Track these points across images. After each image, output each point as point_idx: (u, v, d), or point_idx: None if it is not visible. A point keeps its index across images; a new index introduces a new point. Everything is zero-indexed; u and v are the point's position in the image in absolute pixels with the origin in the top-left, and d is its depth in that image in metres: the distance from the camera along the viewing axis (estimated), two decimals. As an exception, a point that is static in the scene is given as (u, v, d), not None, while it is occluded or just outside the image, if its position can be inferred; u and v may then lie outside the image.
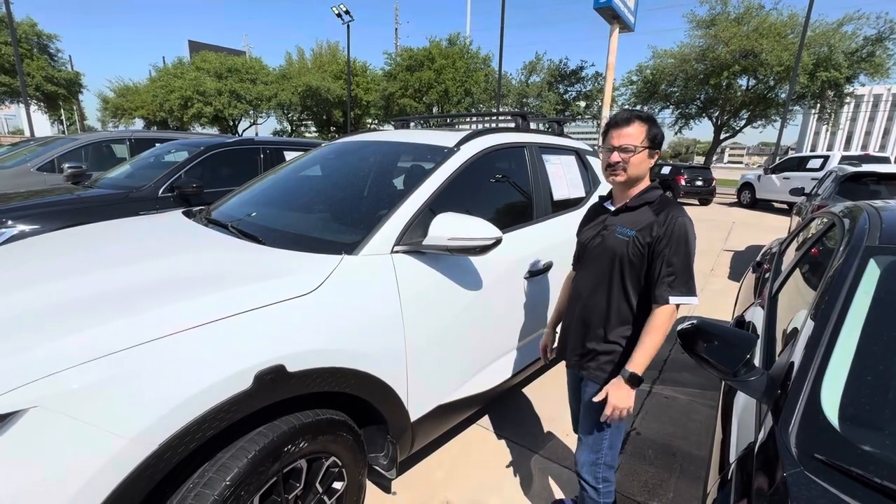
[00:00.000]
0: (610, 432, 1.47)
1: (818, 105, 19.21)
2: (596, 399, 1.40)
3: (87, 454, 0.91)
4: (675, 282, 1.30)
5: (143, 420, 0.96)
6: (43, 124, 31.67)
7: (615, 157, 1.37)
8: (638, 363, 1.33)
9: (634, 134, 1.35)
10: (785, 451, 0.90)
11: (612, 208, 1.49)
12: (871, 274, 1.22)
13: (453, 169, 1.89)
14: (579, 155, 2.92)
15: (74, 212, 3.51)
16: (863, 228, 1.41)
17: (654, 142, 1.37)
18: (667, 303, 1.31)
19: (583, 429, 1.53)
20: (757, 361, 1.43)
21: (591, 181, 2.89)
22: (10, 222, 3.21)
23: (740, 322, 1.82)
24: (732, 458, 1.08)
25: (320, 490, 1.41)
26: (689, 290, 1.31)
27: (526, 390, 2.78)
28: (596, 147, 3.24)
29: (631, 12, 16.77)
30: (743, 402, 1.26)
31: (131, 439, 0.93)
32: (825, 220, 1.97)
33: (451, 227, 1.55)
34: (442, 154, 1.96)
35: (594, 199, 2.78)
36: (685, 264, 1.32)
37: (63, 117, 32.58)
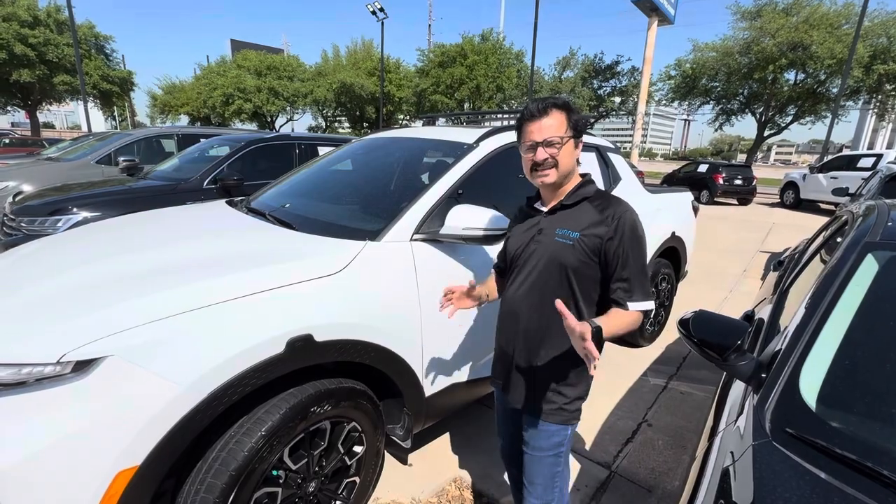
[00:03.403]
0: (561, 475, 1.30)
1: (874, 100, 18.01)
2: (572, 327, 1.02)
3: (150, 398, 1.10)
4: (631, 286, 1.16)
5: (195, 372, 1.14)
6: (98, 120, 33.86)
7: (541, 153, 1.17)
8: (604, 321, 1.10)
9: (555, 124, 1.17)
10: (759, 425, 0.98)
11: (545, 209, 1.29)
12: (868, 268, 1.26)
13: (472, 164, 2.00)
14: (599, 152, 2.96)
15: (130, 201, 3.87)
16: (868, 225, 1.44)
17: (577, 129, 1.20)
18: (626, 310, 1.17)
19: (529, 473, 1.31)
20: (756, 353, 1.48)
21: (610, 178, 2.94)
22: (74, 209, 3.58)
23: (748, 317, 1.85)
24: (719, 433, 1.16)
25: (342, 451, 1.57)
26: (646, 293, 1.18)
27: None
28: (617, 144, 3.27)
29: (671, 4, 16.26)
30: (736, 389, 1.33)
31: (186, 387, 1.12)
32: (843, 217, 1.97)
33: (465, 218, 1.67)
34: (461, 150, 2.08)
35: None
36: (640, 266, 1.18)
37: (116, 113, 34.68)
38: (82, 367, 1.06)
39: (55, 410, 1.03)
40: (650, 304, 1.19)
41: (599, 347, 1.02)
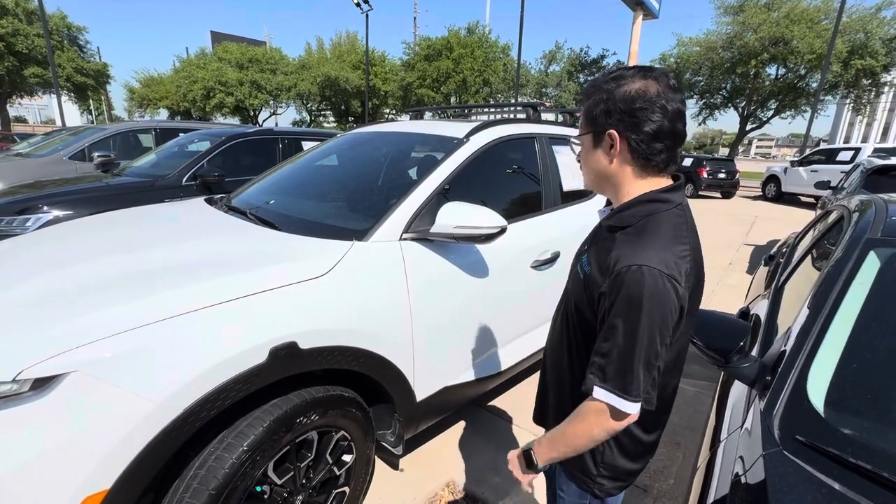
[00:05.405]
0: None
1: (851, 95, 18.45)
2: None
3: (119, 416, 1.01)
4: (606, 366, 0.80)
5: (169, 387, 1.05)
6: (73, 114, 32.71)
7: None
8: (541, 442, 0.94)
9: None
10: (767, 432, 0.94)
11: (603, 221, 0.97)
12: (871, 266, 1.23)
13: (462, 159, 1.93)
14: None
15: (104, 199, 3.70)
16: (868, 221, 1.41)
17: (596, 122, 0.86)
18: (589, 393, 0.82)
19: None
20: (756, 352, 1.45)
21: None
22: (45, 208, 3.41)
23: (744, 314, 1.83)
24: (722, 440, 1.12)
25: (330, 461, 1.50)
26: (624, 386, 0.78)
27: (531, 378, 2.83)
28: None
29: (656, -1, 16.28)
30: (737, 390, 1.30)
31: (159, 404, 1.03)
32: (837, 212, 1.95)
33: (457, 216, 1.60)
34: (451, 144, 2.00)
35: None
36: (626, 345, 0.78)
37: (92, 107, 33.58)
38: (42, 384, 0.97)
39: (11, 433, 0.94)
40: (625, 404, 0.78)
41: (530, 465, 0.94)
